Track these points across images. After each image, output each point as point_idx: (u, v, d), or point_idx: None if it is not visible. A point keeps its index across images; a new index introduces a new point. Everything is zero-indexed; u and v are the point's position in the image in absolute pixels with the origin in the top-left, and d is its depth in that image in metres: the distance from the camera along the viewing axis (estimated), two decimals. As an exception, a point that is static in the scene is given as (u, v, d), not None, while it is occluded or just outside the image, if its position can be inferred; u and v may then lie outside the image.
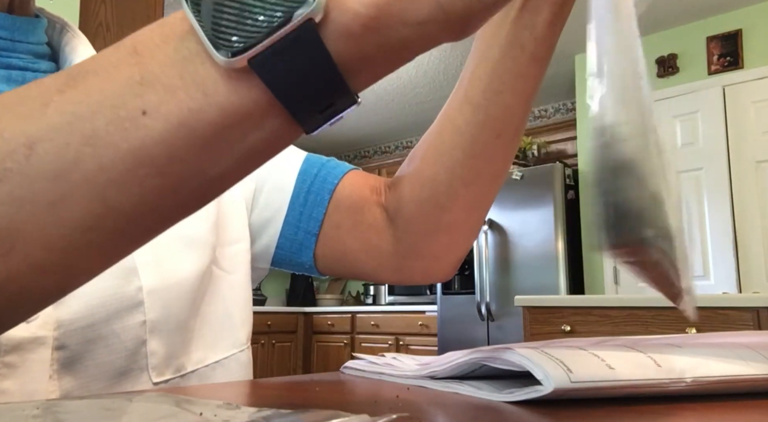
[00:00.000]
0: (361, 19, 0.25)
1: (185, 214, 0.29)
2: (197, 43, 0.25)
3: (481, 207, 0.52)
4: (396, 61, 0.27)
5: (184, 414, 0.23)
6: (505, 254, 3.82)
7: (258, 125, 0.26)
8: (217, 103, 0.25)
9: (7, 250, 0.25)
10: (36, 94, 0.26)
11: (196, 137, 0.25)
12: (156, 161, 0.25)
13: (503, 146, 0.48)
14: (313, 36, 0.24)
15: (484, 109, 0.47)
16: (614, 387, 0.28)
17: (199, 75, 0.25)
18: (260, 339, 4.78)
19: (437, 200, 0.50)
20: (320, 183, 0.56)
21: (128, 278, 0.44)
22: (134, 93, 0.25)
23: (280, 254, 0.57)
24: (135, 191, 0.26)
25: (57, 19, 0.52)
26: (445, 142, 0.49)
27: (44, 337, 0.40)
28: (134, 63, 0.26)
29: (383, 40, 0.25)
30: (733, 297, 2.26)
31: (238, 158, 0.27)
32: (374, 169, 5.40)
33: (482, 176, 0.49)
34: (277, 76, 0.25)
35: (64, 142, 0.25)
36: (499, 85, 0.46)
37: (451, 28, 0.26)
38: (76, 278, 0.28)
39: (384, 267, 0.55)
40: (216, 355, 0.50)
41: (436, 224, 0.51)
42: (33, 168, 0.25)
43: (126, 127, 0.25)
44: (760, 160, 3.31)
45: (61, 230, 0.25)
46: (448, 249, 0.54)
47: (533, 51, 0.44)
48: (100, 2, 1.88)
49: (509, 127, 0.47)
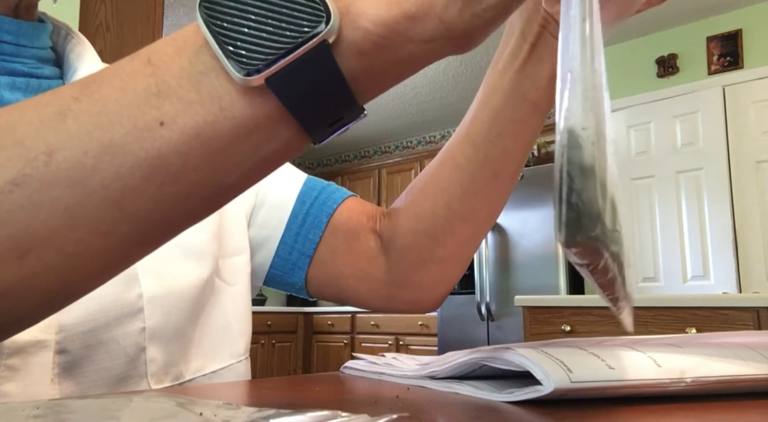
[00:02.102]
0: (371, 37, 0.26)
1: (195, 221, 0.30)
2: (212, 57, 0.26)
3: (473, 243, 0.54)
4: (403, 75, 0.28)
5: (184, 414, 0.23)
6: (505, 254, 3.82)
7: (270, 137, 0.27)
8: (232, 117, 0.26)
9: (24, 253, 0.26)
10: (53, 102, 0.27)
11: (211, 148, 0.27)
12: (171, 169, 0.26)
13: (500, 186, 0.50)
14: (327, 56, 0.26)
15: (484, 150, 0.49)
16: (614, 387, 0.28)
17: (215, 89, 0.26)
18: (260, 339, 4.78)
19: (433, 233, 0.52)
20: (319, 206, 0.57)
21: (129, 285, 0.45)
22: (152, 105, 0.26)
23: (273, 273, 0.58)
24: (150, 197, 0.27)
25: (62, 24, 0.52)
26: (444, 177, 0.51)
27: (46, 341, 0.41)
28: (149, 74, 0.27)
29: (391, 56, 0.27)
30: (733, 297, 2.26)
31: (249, 167, 0.28)
32: (374, 169, 5.40)
33: (478, 214, 0.51)
34: (291, 93, 0.26)
35: (82, 150, 0.26)
36: (500, 129, 0.48)
37: (455, 43, 0.27)
38: (87, 282, 0.29)
39: (374, 295, 0.56)
40: (214, 365, 0.50)
41: (429, 257, 0.53)
42: (52, 174, 0.26)
43: (144, 137, 0.26)
44: (760, 160, 3.31)
45: (77, 234, 0.26)
46: (437, 282, 0.55)
47: (535, 100, 0.46)
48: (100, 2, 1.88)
49: (507, 168, 0.49)
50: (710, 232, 3.38)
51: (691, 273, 3.43)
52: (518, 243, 3.77)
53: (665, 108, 3.57)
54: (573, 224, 0.21)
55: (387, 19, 0.26)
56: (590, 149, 0.22)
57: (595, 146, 0.22)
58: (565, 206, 0.21)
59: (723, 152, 3.40)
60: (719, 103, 3.45)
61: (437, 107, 4.91)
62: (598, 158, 0.22)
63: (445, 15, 0.26)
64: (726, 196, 3.36)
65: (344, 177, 5.61)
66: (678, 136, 3.57)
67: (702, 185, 3.45)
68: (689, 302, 2.21)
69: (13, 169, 0.25)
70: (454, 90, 4.58)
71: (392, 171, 5.27)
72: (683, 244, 3.47)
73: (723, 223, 3.35)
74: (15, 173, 0.25)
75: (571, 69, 0.24)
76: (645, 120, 3.67)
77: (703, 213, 3.43)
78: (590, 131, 0.22)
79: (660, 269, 3.53)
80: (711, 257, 3.37)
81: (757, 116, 3.34)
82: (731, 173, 3.37)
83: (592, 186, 0.21)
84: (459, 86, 4.52)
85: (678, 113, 3.56)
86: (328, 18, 0.25)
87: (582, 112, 0.22)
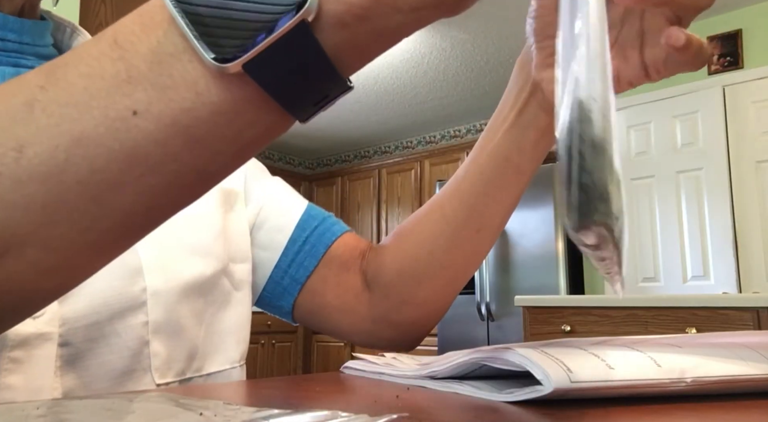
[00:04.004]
0: (354, 10, 0.24)
1: (179, 208, 0.28)
2: (181, 36, 0.24)
3: (452, 290, 0.56)
4: (388, 45, 0.26)
5: (184, 414, 0.23)
6: (505, 254, 3.82)
7: (252, 122, 0.26)
8: (210, 102, 0.25)
9: (3, 252, 0.25)
10: (19, 92, 0.25)
11: (190, 136, 0.25)
12: (150, 160, 0.25)
13: (482, 240, 0.52)
14: (307, 36, 0.24)
15: (468, 205, 0.51)
16: (614, 387, 0.28)
17: (189, 74, 0.24)
18: (260, 339, 4.78)
19: (414, 275, 0.54)
20: (318, 236, 0.58)
21: (133, 278, 0.45)
22: (122, 92, 0.24)
23: (263, 295, 0.59)
24: (129, 190, 0.25)
25: (67, 23, 0.53)
26: (431, 225, 0.53)
27: (50, 333, 0.41)
28: (117, 57, 0.25)
29: (377, 27, 0.25)
30: (733, 297, 2.26)
31: (233, 152, 0.27)
32: (374, 169, 5.40)
33: (459, 263, 0.54)
34: (271, 77, 0.24)
35: (53, 144, 0.24)
36: (484, 188, 0.50)
37: (445, 8, 0.25)
38: (75, 276, 0.28)
39: (356, 329, 0.58)
40: (211, 367, 0.51)
41: (410, 297, 0.55)
42: (24, 171, 0.24)
43: (117, 127, 0.24)
44: (760, 160, 3.30)
45: (57, 230, 0.25)
46: (417, 322, 0.57)
47: (518, 164, 0.48)
48: (100, 2, 1.88)
49: (490, 225, 0.51)
50: (710, 232, 3.38)
51: (691, 273, 3.43)
52: (518, 243, 3.76)
53: (665, 108, 3.57)
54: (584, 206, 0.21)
55: None
56: (601, 121, 0.21)
57: (606, 119, 0.21)
58: (575, 187, 0.21)
59: (723, 152, 3.40)
60: (719, 103, 3.44)
61: (437, 107, 4.91)
62: (608, 132, 0.21)
63: None
64: (726, 196, 3.36)
65: (344, 177, 5.61)
66: (678, 136, 3.57)
67: (702, 185, 3.45)
68: (689, 302, 2.21)
69: None
70: (454, 90, 4.58)
71: (392, 171, 5.27)
72: (683, 244, 3.47)
73: (723, 223, 3.35)
74: None
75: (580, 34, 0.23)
76: (645, 120, 3.66)
77: (703, 213, 3.42)
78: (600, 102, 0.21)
79: (660, 269, 3.53)
80: (711, 257, 3.37)
81: (757, 116, 3.34)
82: (731, 173, 3.37)
83: (602, 164, 0.21)
84: (459, 86, 4.51)
85: (678, 113, 3.56)
86: None
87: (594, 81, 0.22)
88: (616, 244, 0.22)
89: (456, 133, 5.33)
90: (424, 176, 5.02)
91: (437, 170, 4.91)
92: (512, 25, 3.56)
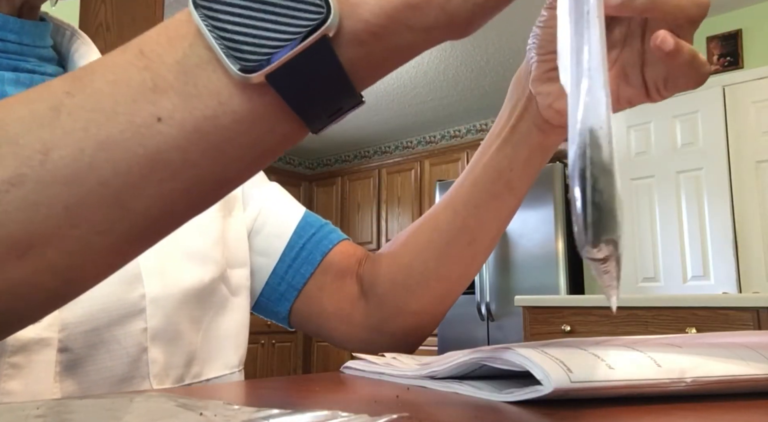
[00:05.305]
0: (371, 28, 0.26)
1: (196, 213, 0.29)
2: (207, 48, 0.26)
3: (447, 301, 0.56)
4: (400, 62, 0.28)
5: (184, 414, 0.23)
6: (505, 254, 3.82)
7: (270, 130, 0.27)
8: (232, 111, 0.26)
9: (23, 252, 0.25)
10: (45, 97, 0.26)
11: (210, 143, 0.26)
12: (171, 165, 0.26)
13: (475, 252, 0.53)
14: (327, 50, 0.25)
15: (462, 217, 0.51)
16: (614, 387, 0.28)
17: (213, 84, 0.26)
18: (260, 339, 4.78)
19: (409, 285, 0.54)
20: (315, 244, 0.58)
21: (132, 285, 0.45)
22: (148, 100, 0.25)
23: (260, 300, 0.59)
24: (149, 194, 0.26)
25: (67, 26, 0.53)
26: (425, 236, 0.54)
27: (49, 339, 0.41)
28: (143, 67, 0.26)
29: (390, 44, 0.26)
30: (733, 297, 2.26)
31: (250, 159, 0.28)
32: (374, 169, 5.40)
33: (452, 274, 0.54)
34: (291, 88, 0.26)
35: (78, 148, 0.25)
36: (477, 200, 0.50)
37: (455, 30, 0.27)
38: (88, 279, 0.29)
39: (352, 337, 0.58)
40: (210, 373, 0.51)
41: (405, 307, 0.55)
42: (48, 173, 0.25)
43: (142, 133, 0.25)
44: (760, 160, 3.31)
45: (77, 232, 0.26)
46: (411, 332, 0.57)
47: (508, 180, 0.49)
48: (100, 2, 1.88)
49: (483, 237, 0.52)
50: (710, 232, 3.38)
51: (691, 273, 3.43)
52: (518, 243, 3.77)
53: (665, 108, 3.57)
54: (597, 224, 0.22)
55: (388, 9, 0.25)
56: (607, 147, 0.23)
57: (611, 144, 0.23)
58: (590, 207, 0.22)
59: (723, 152, 3.40)
60: (719, 103, 3.44)
61: (437, 107, 4.91)
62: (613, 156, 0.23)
63: (447, 4, 0.26)
64: (726, 196, 3.36)
65: (344, 177, 5.61)
66: (678, 136, 3.57)
67: (702, 185, 3.45)
68: (689, 302, 2.21)
69: (9, 168, 0.25)
70: (454, 90, 4.58)
71: (392, 171, 5.27)
72: (683, 244, 3.47)
73: (723, 223, 3.35)
74: (10, 172, 0.25)
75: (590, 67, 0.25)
76: (645, 120, 3.66)
77: (703, 213, 3.43)
78: (606, 129, 0.23)
79: (660, 269, 3.53)
80: (711, 257, 3.37)
81: (757, 116, 3.34)
82: (731, 173, 3.37)
83: (611, 184, 0.23)
84: (459, 86, 4.52)
85: (678, 113, 3.56)
86: (328, 11, 0.25)
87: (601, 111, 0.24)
88: (618, 260, 0.24)
89: (456, 133, 5.33)
90: (424, 176, 5.02)
91: (437, 170, 4.91)
92: (512, 25, 3.56)
